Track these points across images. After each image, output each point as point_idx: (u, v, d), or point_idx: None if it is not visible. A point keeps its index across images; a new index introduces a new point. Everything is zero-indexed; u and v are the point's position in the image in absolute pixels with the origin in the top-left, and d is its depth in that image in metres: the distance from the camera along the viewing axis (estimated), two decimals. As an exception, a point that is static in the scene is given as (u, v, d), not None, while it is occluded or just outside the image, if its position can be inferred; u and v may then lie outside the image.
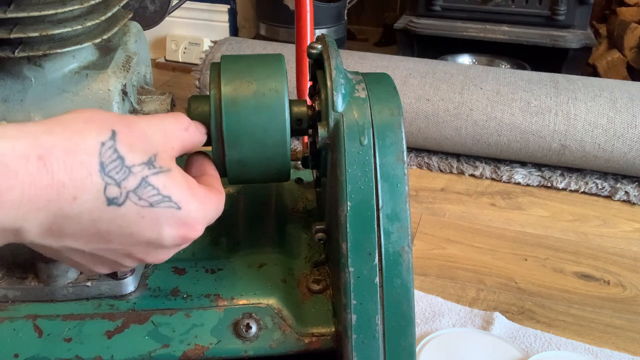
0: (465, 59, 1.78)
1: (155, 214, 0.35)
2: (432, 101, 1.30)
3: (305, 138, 1.04)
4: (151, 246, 0.36)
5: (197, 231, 0.38)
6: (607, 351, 0.83)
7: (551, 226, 1.13)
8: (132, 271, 0.48)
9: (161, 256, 0.38)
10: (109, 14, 0.45)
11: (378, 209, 0.43)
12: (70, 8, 0.42)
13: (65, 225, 0.33)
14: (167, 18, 0.77)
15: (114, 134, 0.34)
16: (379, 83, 0.46)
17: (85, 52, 0.46)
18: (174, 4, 0.78)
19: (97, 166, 0.32)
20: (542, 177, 1.29)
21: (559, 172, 1.29)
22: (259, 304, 0.47)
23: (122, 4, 0.47)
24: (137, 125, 0.36)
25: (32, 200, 0.30)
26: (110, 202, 0.33)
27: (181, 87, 1.80)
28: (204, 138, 0.43)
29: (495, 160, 1.34)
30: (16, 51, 0.42)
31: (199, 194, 0.37)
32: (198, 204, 0.37)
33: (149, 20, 0.74)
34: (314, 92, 0.50)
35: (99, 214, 0.33)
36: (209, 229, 0.57)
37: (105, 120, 0.34)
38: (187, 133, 0.39)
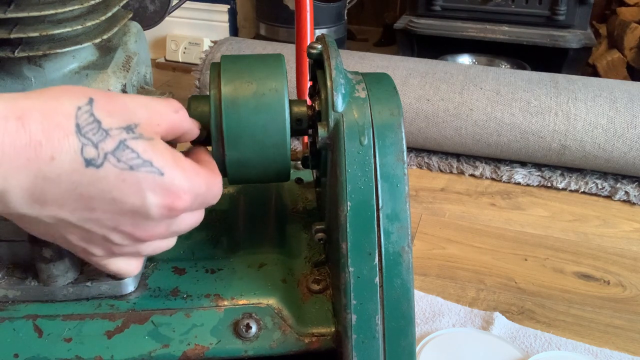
0: (465, 59, 1.78)
1: (136, 178, 0.34)
2: (432, 101, 1.30)
3: (305, 138, 1.04)
4: (137, 216, 0.35)
5: (184, 201, 0.36)
6: (607, 351, 0.83)
7: (551, 226, 1.13)
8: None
9: (151, 230, 0.37)
10: (109, 14, 0.45)
11: (378, 209, 0.43)
12: (70, 8, 0.42)
13: (46, 189, 0.33)
14: (167, 18, 0.77)
15: (91, 100, 0.34)
16: (379, 83, 0.46)
17: (85, 52, 0.46)
18: (174, 4, 0.78)
19: (73, 127, 0.33)
20: (542, 177, 1.29)
21: (559, 172, 1.29)
22: (259, 304, 0.47)
23: (122, 4, 0.47)
24: (118, 97, 0.35)
25: (12, 159, 0.31)
26: (89, 163, 0.33)
27: (181, 87, 1.80)
28: (195, 129, 0.42)
29: (495, 160, 1.34)
30: (16, 51, 0.42)
31: (184, 165, 0.36)
32: (182, 173, 0.36)
33: (149, 20, 0.74)
34: (314, 92, 0.50)
35: (79, 177, 0.33)
36: (209, 229, 0.57)
37: (84, 90, 0.35)
38: (177, 115, 0.38)
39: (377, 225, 0.43)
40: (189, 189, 0.36)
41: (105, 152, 0.33)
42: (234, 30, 2.03)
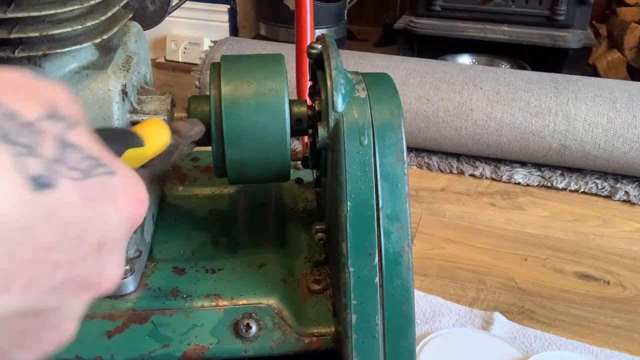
0: (465, 59, 1.78)
1: (97, 189, 0.21)
2: (432, 101, 1.30)
3: (305, 138, 1.04)
4: (103, 249, 0.22)
5: (145, 203, 0.24)
6: (607, 351, 0.83)
7: (551, 226, 1.13)
8: (132, 271, 0.48)
9: (116, 259, 0.23)
10: (109, 14, 0.45)
11: (378, 209, 0.43)
12: (70, 8, 0.42)
13: None
14: (167, 18, 0.77)
15: None
16: (379, 83, 0.46)
17: (85, 52, 0.46)
18: (174, 4, 0.78)
19: None
20: (542, 177, 1.29)
21: (559, 172, 1.29)
22: (259, 304, 0.47)
23: (122, 4, 0.47)
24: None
25: None
26: (39, 184, 0.19)
27: (181, 87, 1.80)
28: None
29: (495, 160, 1.34)
30: (16, 51, 0.42)
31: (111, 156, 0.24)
32: (126, 167, 0.24)
33: (149, 20, 0.75)
34: (314, 92, 0.50)
35: (30, 212, 0.19)
36: (209, 229, 0.57)
37: None
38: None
39: (377, 225, 0.43)
40: (142, 186, 0.25)
41: (51, 161, 0.20)
42: (234, 30, 2.03)
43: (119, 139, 0.31)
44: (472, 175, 1.31)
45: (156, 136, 0.37)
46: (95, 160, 0.22)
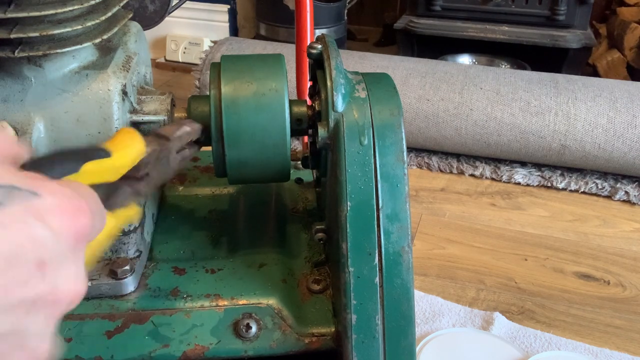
0: (465, 59, 1.78)
1: (17, 216, 0.23)
2: (432, 101, 1.30)
3: (305, 138, 1.04)
4: (46, 268, 0.23)
5: (84, 212, 0.25)
6: (607, 351, 0.83)
7: (551, 226, 1.13)
8: (132, 271, 0.48)
9: (69, 274, 0.25)
10: (109, 14, 0.45)
11: (378, 209, 0.43)
12: (70, 8, 0.42)
13: None
14: (167, 18, 0.77)
15: None
16: (379, 83, 0.46)
17: (85, 52, 0.46)
18: (174, 4, 0.78)
19: None
20: (542, 177, 1.28)
21: (559, 172, 1.29)
22: (259, 304, 0.47)
23: (122, 4, 0.47)
24: None
25: None
26: None
27: (181, 87, 1.80)
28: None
29: (495, 160, 1.34)
30: (16, 51, 0.42)
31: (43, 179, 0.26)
32: (53, 184, 0.25)
33: (149, 20, 0.75)
34: (314, 92, 0.50)
35: None
36: (209, 229, 0.57)
37: None
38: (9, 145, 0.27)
39: (377, 225, 0.43)
40: (76, 197, 0.26)
41: None
42: (234, 30, 2.03)
43: (71, 158, 0.32)
44: (472, 175, 1.31)
45: (126, 145, 0.37)
46: (9, 188, 0.23)
